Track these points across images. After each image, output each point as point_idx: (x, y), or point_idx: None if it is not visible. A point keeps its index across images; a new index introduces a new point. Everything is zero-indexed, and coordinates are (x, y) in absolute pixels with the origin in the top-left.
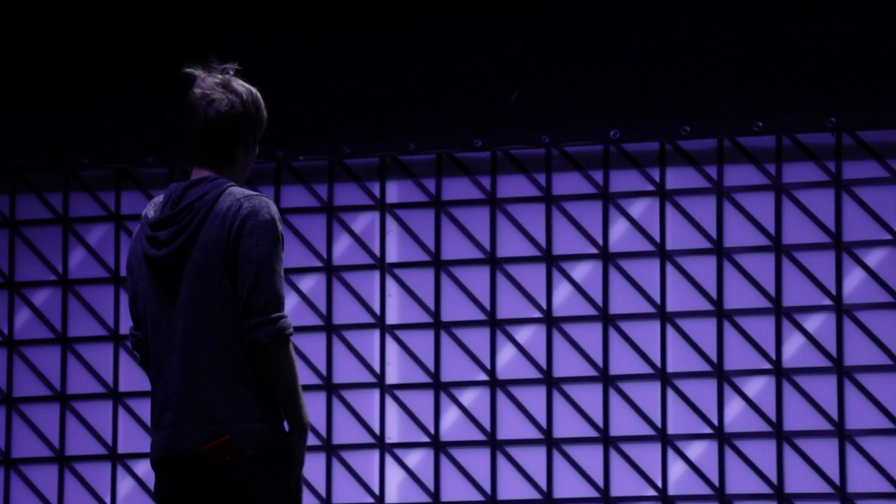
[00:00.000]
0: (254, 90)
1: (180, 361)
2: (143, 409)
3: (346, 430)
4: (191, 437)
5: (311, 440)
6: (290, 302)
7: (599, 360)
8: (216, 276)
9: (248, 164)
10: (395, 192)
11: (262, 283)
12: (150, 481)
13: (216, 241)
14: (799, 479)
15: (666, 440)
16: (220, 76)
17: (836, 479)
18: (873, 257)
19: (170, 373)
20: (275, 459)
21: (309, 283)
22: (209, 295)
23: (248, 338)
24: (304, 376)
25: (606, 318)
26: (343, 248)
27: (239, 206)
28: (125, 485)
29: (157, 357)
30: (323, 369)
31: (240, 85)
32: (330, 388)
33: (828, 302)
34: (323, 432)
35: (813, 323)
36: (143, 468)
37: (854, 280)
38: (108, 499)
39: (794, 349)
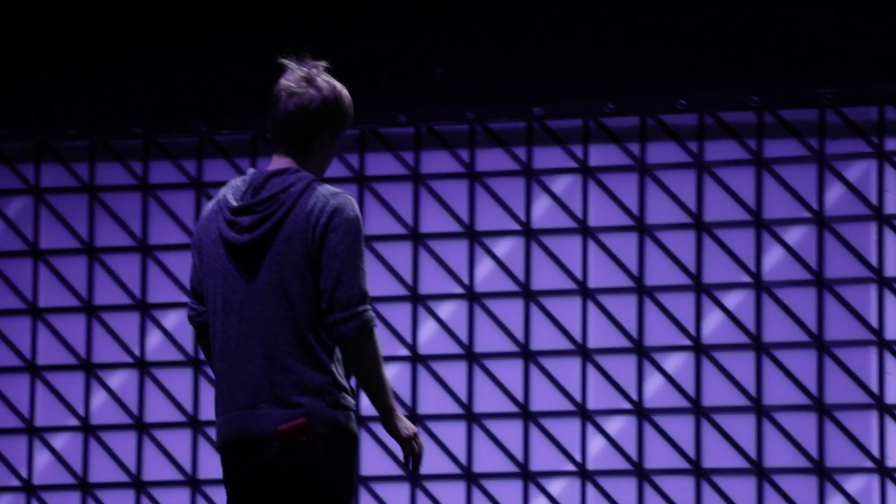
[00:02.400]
0: (339, 88)
1: (255, 346)
2: (62, 381)
3: None
4: (266, 419)
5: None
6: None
7: (521, 336)
8: (298, 267)
9: (325, 158)
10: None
11: (346, 279)
12: (69, 453)
13: (301, 235)
14: (716, 455)
15: (586, 415)
16: (306, 70)
17: (753, 454)
18: (792, 235)
19: (241, 355)
20: (344, 443)
21: None
22: (289, 285)
23: (335, 332)
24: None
25: (528, 295)
26: None
27: (325, 202)
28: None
29: (225, 338)
30: None
31: (324, 82)
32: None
33: (747, 279)
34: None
35: (732, 300)
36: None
37: (773, 257)
38: (24, 472)
39: (714, 326)
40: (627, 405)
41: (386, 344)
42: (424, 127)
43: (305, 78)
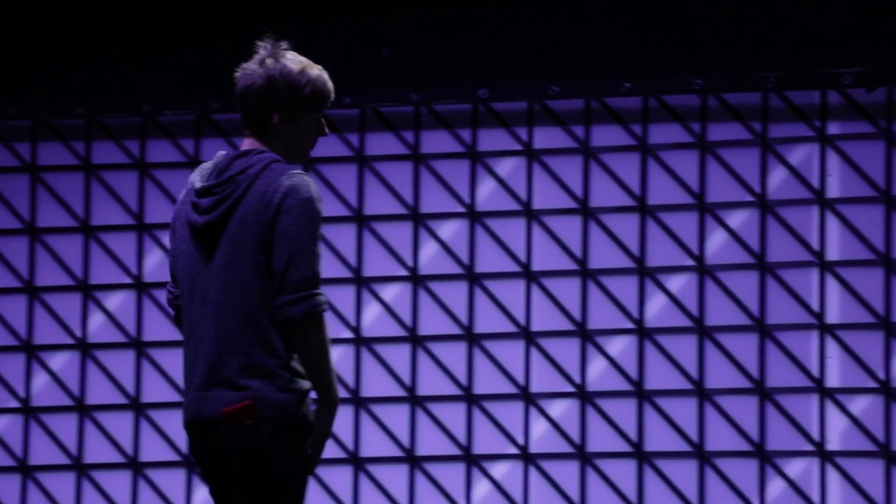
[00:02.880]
0: (291, 68)
1: (211, 328)
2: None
3: None
4: (216, 401)
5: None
6: (154, 259)
7: (465, 319)
8: (251, 249)
9: (295, 139)
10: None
11: (296, 261)
12: (9, 436)
13: (255, 216)
14: (659, 438)
15: (529, 398)
16: (265, 52)
17: (694, 437)
18: (735, 218)
19: (199, 337)
20: (293, 428)
21: None
22: (242, 266)
23: (282, 314)
24: (166, 333)
25: (472, 277)
26: None
27: (280, 183)
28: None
29: (190, 320)
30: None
31: (276, 62)
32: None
33: (690, 262)
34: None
35: (675, 283)
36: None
37: (716, 241)
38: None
39: (657, 309)
40: (570, 388)
41: (330, 326)
42: (369, 109)
43: (260, 59)
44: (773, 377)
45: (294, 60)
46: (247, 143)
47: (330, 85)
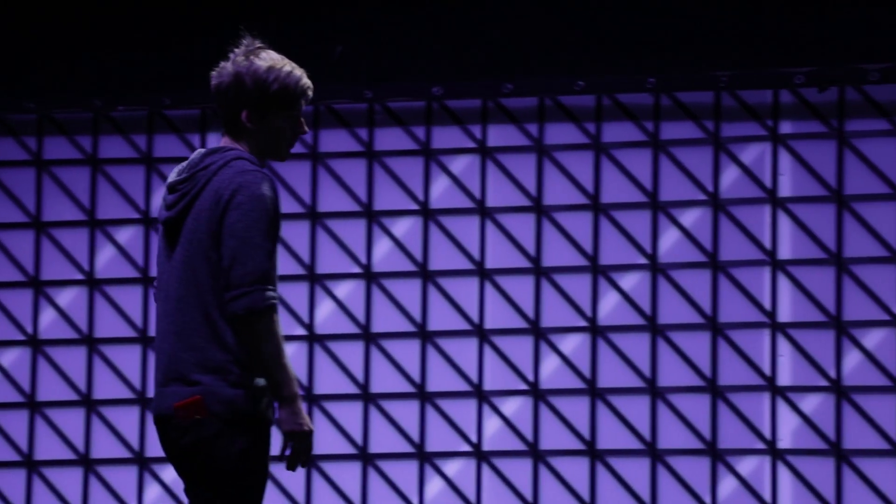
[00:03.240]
0: (258, 65)
1: (170, 324)
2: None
3: None
4: (171, 397)
5: (129, 394)
6: (107, 254)
7: (418, 317)
8: (204, 244)
9: (267, 137)
10: (215, 144)
11: (241, 257)
12: None
13: (208, 212)
14: (611, 436)
15: (482, 396)
16: (239, 51)
17: (647, 435)
18: (688, 217)
19: (162, 333)
20: (242, 424)
21: (126, 235)
22: (197, 262)
23: (227, 309)
24: (118, 329)
25: (426, 275)
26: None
27: (232, 179)
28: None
29: (157, 316)
30: (139, 322)
31: (245, 60)
32: (145, 341)
33: (643, 261)
34: (137, 385)
35: (628, 281)
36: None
37: (669, 240)
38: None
39: (610, 307)
40: (523, 386)
41: (284, 324)
42: (323, 105)
43: (234, 58)
44: (725, 375)
45: (265, 58)
46: (222, 142)
47: (303, 83)
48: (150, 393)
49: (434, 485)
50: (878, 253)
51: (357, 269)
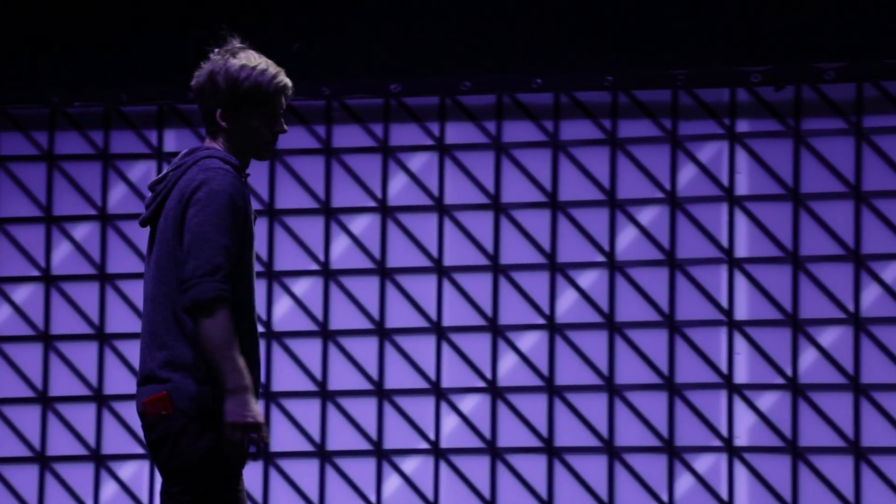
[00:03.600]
0: (231, 65)
1: (146, 323)
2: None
3: (119, 381)
4: (144, 394)
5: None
6: (63, 251)
7: (376, 314)
8: (171, 243)
9: (245, 136)
10: (172, 140)
11: (194, 250)
12: None
13: (173, 211)
14: (569, 434)
15: (440, 393)
16: (218, 52)
17: (604, 433)
18: (645, 215)
19: (141, 333)
20: (208, 420)
21: (83, 232)
22: (165, 261)
23: (180, 303)
24: (75, 326)
25: (384, 272)
26: (118, 197)
27: (195, 177)
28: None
29: (142, 316)
30: (96, 319)
31: (221, 60)
32: (102, 337)
33: (601, 259)
34: (94, 382)
35: (586, 279)
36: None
37: (627, 237)
38: None
39: (568, 305)
40: (481, 384)
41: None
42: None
43: (212, 59)
44: (682, 373)
45: (241, 57)
46: (205, 142)
47: (277, 80)
48: (107, 390)
49: (392, 482)
50: (834, 251)
51: (315, 267)
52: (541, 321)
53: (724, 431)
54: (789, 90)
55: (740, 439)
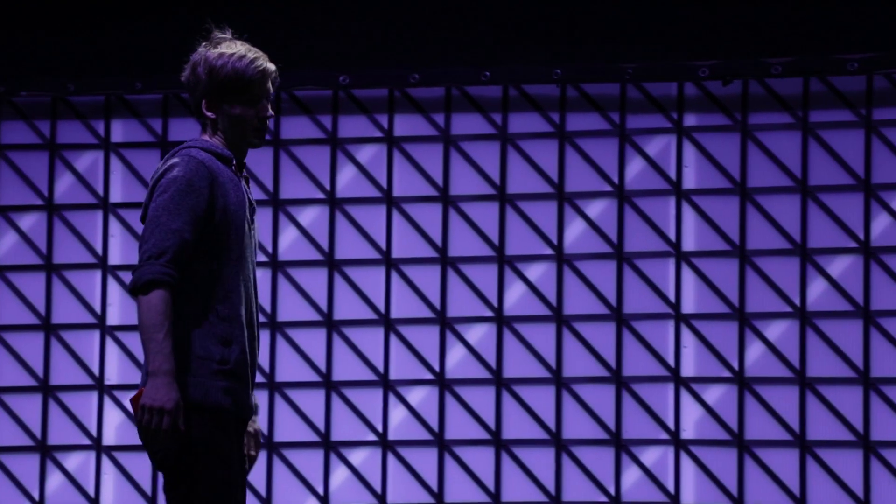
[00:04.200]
0: (211, 55)
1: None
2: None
3: (64, 372)
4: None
5: (29, 381)
6: (9, 241)
7: (324, 306)
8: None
9: (230, 125)
10: (120, 130)
11: (146, 235)
12: None
13: (147, 200)
14: (517, 426)
15: (388, 385)
16: (205, 43)
17: (552, 425)
18: (593, 208)
19: None
20: (189, 412)
21: (29, 222)
22: None
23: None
24: (20, 316)
25: (332, 264)
26: (66, 187)
27: (161, 166)
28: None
29: None
30: (42, 309)
31: (204, 50)
32: (48, 328)
33: (549, 251)
34: (40, 373)
35: (534, 272)
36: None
37: (574, 231)
38: None
39: (516, 297)
40: (429, 376)
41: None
42: None
43: (197, 50)
44: (629, 366)
45: (222, 47)
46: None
47: (256, 66)
48: (53, 381)
49: (339, 474)
50: (780, 245)
51: (263, 258)
52: (489, 314)
53: (671, 424)
54: (737, 85)
55: (687, 432)
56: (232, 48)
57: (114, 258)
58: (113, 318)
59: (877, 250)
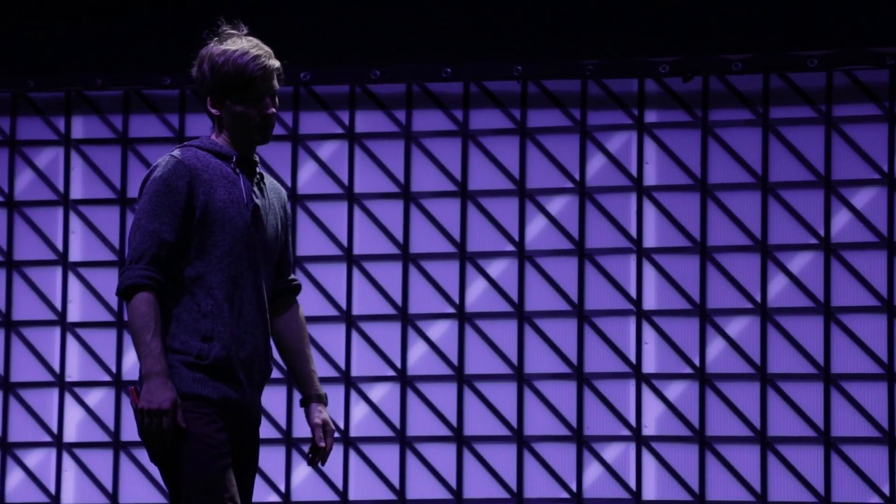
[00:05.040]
0: (213, 51)
1: None
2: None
3: (25, 369)
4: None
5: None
6: None
7: None
8: None
9: (234, 121)
10: (80, 127)
11: (129, 239)
12: None
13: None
14: (478, 422)
15: (349, 382)
16: (213, 40)
17: (513, 422)
18: (554, 205)
19: None
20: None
21: None
22: None
23: None
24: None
25: (294, 261)
26: (26, 183)
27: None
28: None
29: None
30: (2, 305)
31: (207, 47)
32: (8, 325)
33: (511, 248)
34: (0, 370)
35: (496, 268)
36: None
37: (536, 227)
38: None
39: (477, 294)
40: (391, 372)
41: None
42: (189, 89)
43: (206, 47)
44: (591, 362)
45: (227, 43)
46: None
47: (259, 63)
48: (14, 378)
49: (301, 470)
50: (741, 242)
51: None
52: (450, 310)
53: (632, 421)
54: (697, 81)
55: (648, 428)
56: (236, 44)
57: (74, 255)
58: (74, 315)
59: (837, 247)
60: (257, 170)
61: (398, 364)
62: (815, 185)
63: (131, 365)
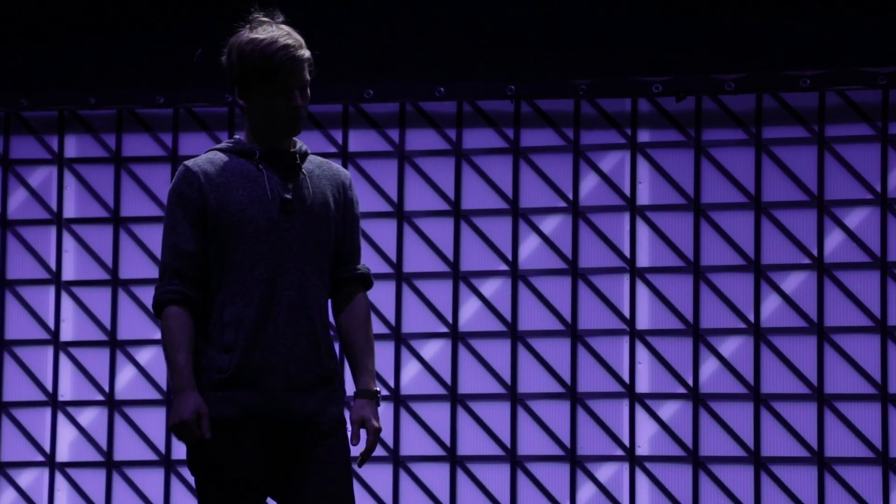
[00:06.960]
0: (238, 40)
1: None
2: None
3: (17, 388)
4: None
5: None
6: None
7: None
8: None
9: (261, 113)
10: (73, 146)
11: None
12: None
13: None
14: (472, 442)
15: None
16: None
17: (507, 442)
18: (548, 224)
19: None
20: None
21: None
22: None
23: None
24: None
25: None
26: (19, 202)
27: None
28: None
29: None
30: None
31: (237, 34)
32: (1, 344)
33: (504, 267)
34: None
35: (489, 287)
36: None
37: (529, 246)
38: None
39: (471, 313)
40: (384, 391)
41: (142, 327)
42: (183, 108)
43: (237, 34)
44: (584, 382)
45: (256, 31)
46: None
47: (286, 53)
48: (7, 397)
49: None
50: (734, 262)
51: None
52: (444, 329)
53: (625, 440)
54: (690, 101)
55: (642, 448)
56: (266, 32)
57: (67, 274)
58: (66, 335)
59: (830, 266)
60: (297, 160)
61: (391, 383)
62: (809, 205)
63: (124, 384)
